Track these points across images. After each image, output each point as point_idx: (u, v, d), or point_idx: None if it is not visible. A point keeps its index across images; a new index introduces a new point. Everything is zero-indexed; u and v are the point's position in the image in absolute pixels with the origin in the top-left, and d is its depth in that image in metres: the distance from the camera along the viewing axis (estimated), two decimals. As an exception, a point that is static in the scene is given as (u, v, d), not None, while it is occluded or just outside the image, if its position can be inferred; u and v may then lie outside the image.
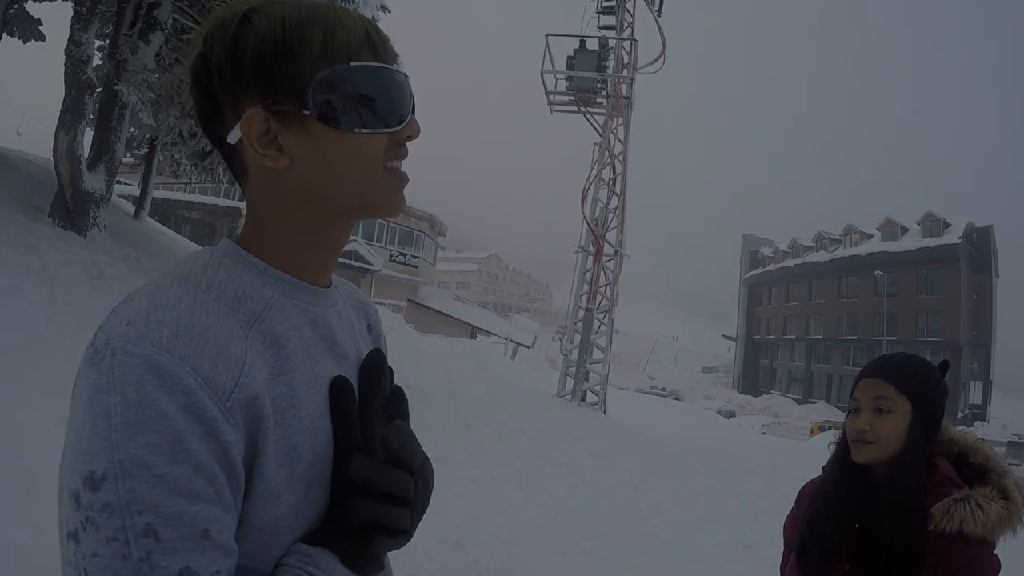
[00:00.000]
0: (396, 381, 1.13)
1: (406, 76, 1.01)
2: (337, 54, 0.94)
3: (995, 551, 1.89)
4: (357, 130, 0.94)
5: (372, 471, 0.92)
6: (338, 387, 0.99)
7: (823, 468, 2.22)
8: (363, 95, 0.95)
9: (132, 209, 17.46)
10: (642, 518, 7.89)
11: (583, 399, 17.36)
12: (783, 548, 2.35)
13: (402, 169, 1.02)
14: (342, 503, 0.93)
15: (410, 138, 1.01)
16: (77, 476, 0.77)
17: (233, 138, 0.96)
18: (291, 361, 0.93)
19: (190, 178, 19.19)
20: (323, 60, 0.93)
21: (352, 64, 0.94)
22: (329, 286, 1.08)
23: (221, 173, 16.76)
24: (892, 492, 1.95)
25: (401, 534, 0.94)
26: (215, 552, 0.79)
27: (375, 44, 0.98)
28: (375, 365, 1.08)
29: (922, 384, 2.02)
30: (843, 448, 2.11)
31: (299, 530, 0.92)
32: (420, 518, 0.99)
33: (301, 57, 0.93)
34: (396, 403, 1.07)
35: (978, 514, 1.84)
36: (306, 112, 0.93)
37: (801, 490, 2.35)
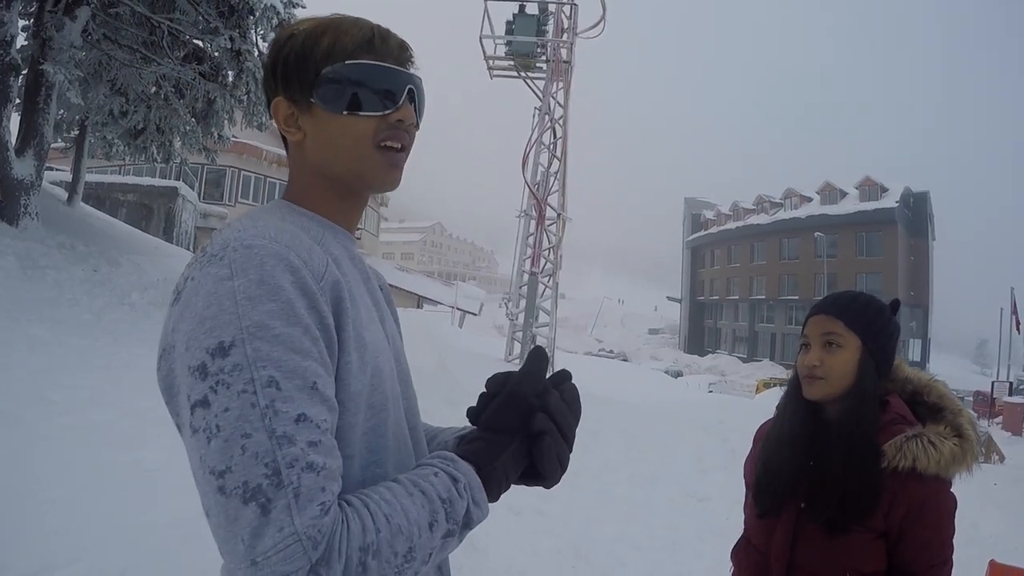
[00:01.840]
0: None
1: (402, 72, 1.23)
2: (338, 55, 1.19)
3: (951, 489, 1.90)
4: (345, 112, 1.19)
5: (561, 409, 1.16)
6: (539, 354, 1.19)
7: (776, 407, 2.20)
8: (352, 84, 1.19)
9: (65, 195, 17.02)
10: (594, 476, 7.95)
11: (531, 363, 17.41)
12: (745, 490, 2.32)
13: (400, 150, 1.24)
14: (528, 422, 1.12)
15: (401, 122, 1.22)
16: (202, 351, 0.93)
17: (274, 121, 1.25)
18: (348, 276, 1.14)
19: (124, 159, 18.73)
20: (327, 60, 1.19)
21: (347, 62, 1.19)
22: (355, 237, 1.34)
23: (154, 152, 16.38)
24: (844, 429, 1.93)
25: (560, 470, 1.16)
26: (323, 404, 0.96)
27: (375, 46, 1.21)
28: (544, 354, 1.21)
29: (872, 320, 2.01)
30: (795, 385, 2.09)
31: (370, 417, 1.11)
32: (565, 468, 1.17)
33: (312, 59, 1.20)
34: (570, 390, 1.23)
35: (931, 451, 1.84)
36: (312, 100, 1.20)
37: (757, 431, 2.34)
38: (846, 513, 1.87)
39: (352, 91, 1.19)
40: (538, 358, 1.18)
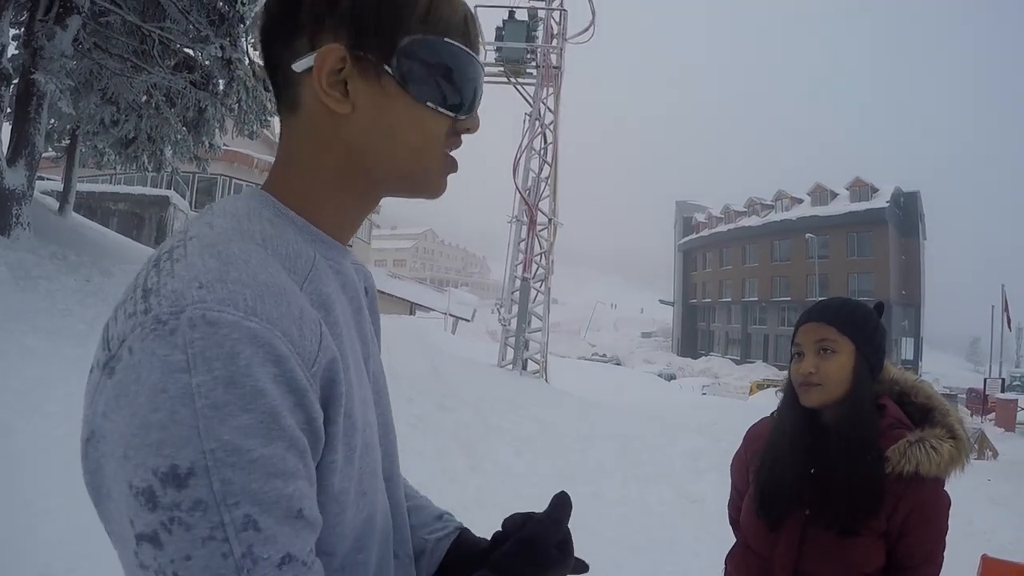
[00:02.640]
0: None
1: (483, 72, 1.00)
2: (436, 25, 0.91)
3: (945, 487, 1.97)
4: (429, 104, 0.91)
5: (579, 569, 1.06)
6: (564, 501, 1.05)
7: (772, 414, 2.22)
8: (446, 72, 0.92)
9: (56, 205, 17.00)
10: (587, 480, 7.97)
11: (524, 368, 17.47)
12: (730, 488, 2.37)
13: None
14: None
15: (468, 131, 0.98)
16: (147, 471, 0.66)
17: (300, 66, 0.89)
18: (338, 326, 0.87)
19: (115, 168, 18.72)
20: (421, 25, 0.90)
21: (446, 40, 0.91)
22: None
23: (145, 160, 16.37)
24: (844, 433, 1.97)
25: None
26: (307, 530, 0.74)
27: (469, 31, 0.95)
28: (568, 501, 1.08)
29: (863, 324, 2.03)
30: (791, 394, 2.10)
31: (361, 508, 0.89)
32: None
33: (403, 14, 0.89)
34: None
35: (932, 455, 1.88)
36: (387, 68, 0.89)
37: (749, 431, 2.36)
38: (852, 517, 1.91)
39: (442, 79, 0.92)
40: (562, 505, 1.04)
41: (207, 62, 12.55)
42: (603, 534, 6.29)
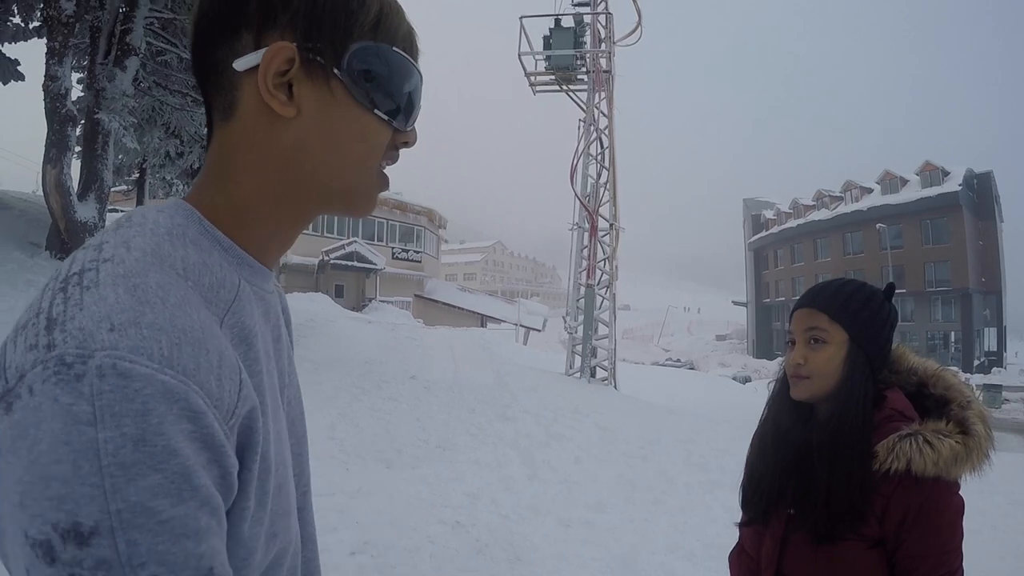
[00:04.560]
0: (402, 374, 0.89)
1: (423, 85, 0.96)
2: (385, 33, 0.88)
3: (959, 491, 1.71)
4: (377, 112, 0.88)
5: None
6: None
7: (765, 408, 2.04)
8: (393, 81, 0.89)
9: (130, 235, 17.66)
10: (648, 487, 7.91)
11: (592, 376, 17.40)
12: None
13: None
14: None
15: (407, 144, 0.95)
16: (45, 524, 0.60)
17: (242, 65, 0.83)
18: (259, 362, 0.84)
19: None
20: (372, 32, 0.87)
21: (394, 49, 0.89)
22: None
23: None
24: (827, 429, 1.79)
25: None
26: None
27: (413, 44, 0.93)
28: None
29: (858, 310, 1.85)
30: (783, 385, 1.95)
31: (269, 552, 0.84)
32: None
33: (356, 18, 0.86)
34: None
35: (926, 451, 1.66)
36: (336, 71, 0.85)
37: (755, 433, 2.16)
38: (834, 520, 1.72)
39: (389, 88, 0.89)
40: None
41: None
42: (659, 542, 6.23)
